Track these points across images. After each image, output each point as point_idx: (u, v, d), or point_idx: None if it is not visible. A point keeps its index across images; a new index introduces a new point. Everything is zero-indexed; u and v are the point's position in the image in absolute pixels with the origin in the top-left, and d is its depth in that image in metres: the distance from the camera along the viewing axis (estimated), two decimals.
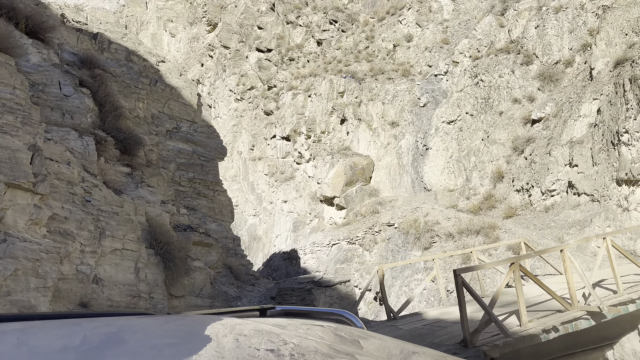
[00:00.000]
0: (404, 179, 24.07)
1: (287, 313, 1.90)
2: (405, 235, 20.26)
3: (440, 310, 11.89)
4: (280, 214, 26.34)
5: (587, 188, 16.45)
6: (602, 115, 16.76)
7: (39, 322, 1.39)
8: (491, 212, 19.31)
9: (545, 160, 18.12)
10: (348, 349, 1.21)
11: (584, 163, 16.82)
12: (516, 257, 9.00)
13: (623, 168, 15.32)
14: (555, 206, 17.38)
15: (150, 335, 1.24)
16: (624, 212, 15.20)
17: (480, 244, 17.12)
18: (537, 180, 18.08)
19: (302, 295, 11.23)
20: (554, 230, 16.31)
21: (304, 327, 1.44)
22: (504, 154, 20.71)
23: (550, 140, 18.53)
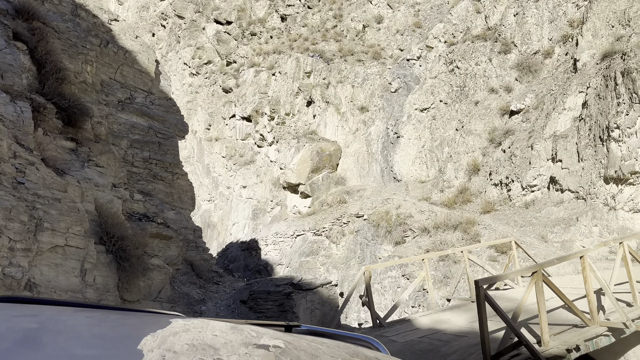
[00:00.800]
0: (373, 167, 22.79)
1: (312, 332, 1.83)
2: (376, 228, 19.02)
3: (431, 317, 10.66)
4: (238, 200, 24.43)
5: (572, 185, 15.72)
6: (589, 109, 16.03)
7: None
8: (467, 207, 18.37)
9: (527, 154, 17.30)
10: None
11: (569, 158, 16.08)
12: (538, 264, 7.79)
13: (612, 165, 14.62)
14: (536, 202, 16.61)
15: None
16: (610, 211, 14.54)
17: (458, 241, 16.11)
18: (517, 175, 17.24)
19: (280, 300, 9.64)
20: (537, 227, 15.51)
21: (338, 348, 1.46)
22: (480, 146, 19.80)
23: (532, 133, 17.72)
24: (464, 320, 10.16)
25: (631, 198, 14.40)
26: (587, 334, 8.19)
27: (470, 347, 8.22)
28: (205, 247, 12.94)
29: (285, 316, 9.64)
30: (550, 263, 8.06)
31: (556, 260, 8.28)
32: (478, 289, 7.23)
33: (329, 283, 10.45)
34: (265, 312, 9.86)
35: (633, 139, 14.40)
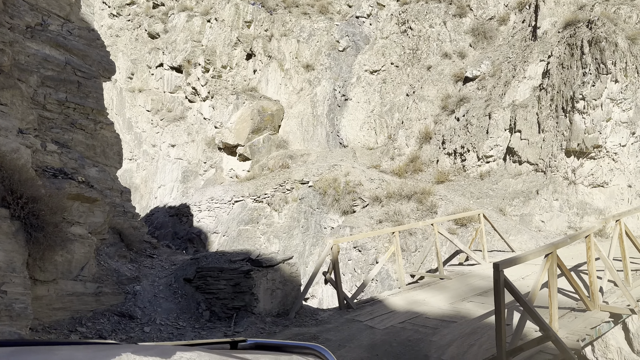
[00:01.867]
0: (318, 131, 21.21)
1: (259, 346, 1.83)
2: (322, 196, 17.60)
3: (403, 297, 9.48)
4: (165, 160, 21.88)
5: (532, 157, 15.16)
6: (552, 79, 15.43)
7: None
8: (418, 176, 17.44)
9: (484, 123, 16.53)
10: None
11: (529, 129, 15.48)
12: (552, 245, 6.71)
13: (575, 138, 14.13)
14: (491, 174, 15.96)
15: None
16: (570, 185, 14.11)
17: (413, 212, 15.12)
18: (473, 145, 16.47)
19: (236, 279, 7.96)
20: (494, 199, 14.84)
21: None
22: (432, 113, 18.84)
23: (489, 102, 16.95)
24: (441, 300, 9.10)
25: (591, 172, 14.04)
26: (591, 321, 7.35)
27: (466, 336, 7.09)
28: (135, 213, 10.80)
29: (242, 298, 7.97)
30: (563, 243, 7.03)
31: (569, 239, 7.28)
32: (498, 274, 6.00)
33: (289, 258, 8.87)
34: (217, 294, 8.10)
35: (598, 111, 13.95)
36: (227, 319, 7.99)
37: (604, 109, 13.90)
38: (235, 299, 8.05)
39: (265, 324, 7.93)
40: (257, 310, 8.02)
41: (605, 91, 13.90)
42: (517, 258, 6.34)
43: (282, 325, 7.98)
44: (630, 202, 13.81)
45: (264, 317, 8.07)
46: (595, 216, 13.64)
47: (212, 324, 7.82)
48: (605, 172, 13.95)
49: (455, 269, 11.58)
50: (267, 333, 7.63)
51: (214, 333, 7.51)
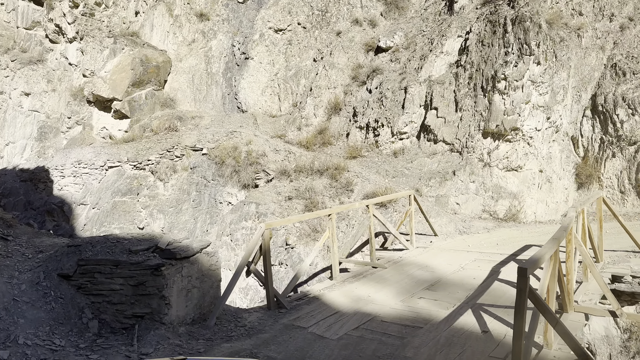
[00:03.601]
0: (213, 91, 18.58)
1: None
2: (219, 166, 15.32)
3: (342, 292, 7.93)
4: (16, 111, 17.51)
5: (448, 136, 14.50)
6: (471, 56, 14.85)
7: None
8: (327, 149, 15.98)
9: (399, 97, 15.53)
10: None
11: (446, 107, 14.79)
12: (555, 239, 5.56)
13: (494, 119, 13.70)
14: (405, 151, 15.07)
15: None
16: (485, 168, 13.72)
17: (326, 188, 13.66)
18: (388, 119, 15.40)
19: (140, 278, 5.76)
20: (410, 179, 13.96)
21: None
22: (342, 82, 17.43)
23: (405, 75, 15.98)
24: (388, 296, 7.70)
25: (506, 156, 13.77)
26: (572, 326, 6.48)
27: (444, 348, 5.74)
28: None
29: (148, 303, 5.86)
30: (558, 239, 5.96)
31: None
32: (524, 281, 4.64)
33: (207, 245, 6.78)
34: (109, 297, 5.87)
35: (519, 93, 13.62)
36: (124, 332, 5.71)
37: (525, 91, 13.63)
38: (136, 303, 5.78)
39: (180, 337, 5.82)
40: (168, 319, 5.86)
41: (527, 73, 13.61)
42: (539, 259, 5.04)
43: (203, 339, 5.92)
44: (540, 187, 13.83)
45: (176, 328, 5.93)
46: (510, 200, 13.42)
47: (104, 340, 5.49)
48: (520, 156, 13.77)
49: (384, 255, 10.36)
50: (185, 350, 5.56)
51: (109, 355, 5.22)
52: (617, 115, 13.80)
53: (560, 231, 5.84)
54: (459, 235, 12.07)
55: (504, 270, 8.74)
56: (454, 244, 11.17)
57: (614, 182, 13.90)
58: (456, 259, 9.77)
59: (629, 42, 14.81)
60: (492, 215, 13.33)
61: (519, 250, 10.14)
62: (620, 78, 14.12)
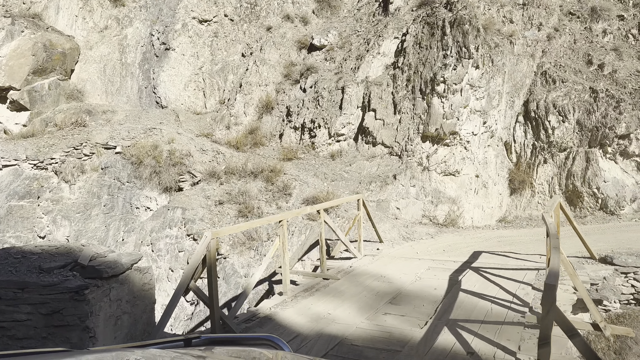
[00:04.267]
0: (128, 84, 16.67)
1: (213, 342, 1.77)
2: (136, 167, 13.63)
3: (296, 308, 6.89)
4: None
5: (387, 139, 14.01)
6: (408, 58, 14.51)
7: None
8: (260, 150, 14.86)
9: (336, 98, 14.82)
10: None
11: (384, 109, 14.30)
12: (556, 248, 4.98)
13: (433, 122, 13.41)
14: (343, 153, 14.36)
15: None
16: (424, 172, 13.37)
17: (262, 192, 12.57)
18: (325, 120, 14.61)
19: (55, 304, 4.37)
20: (350, 183, 13.25)
21: (230, 355, 1.41)
22: (274, 80, 16.40)
23: (341, 75, 15.31)
24: (351, 314, 6.73)
25: (444, 160, 13.52)
26: (556, 341, 5.96)
27: None
28: None
29: (66, 337, 4.60)
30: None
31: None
32: (552, 299, 3.91)
33: (138, 259, 5.49)
34: (11, 331, 4.50)
35: (457, 96, 13.44)
36: None
37: (464, 95, 13.48)
38: (50, 338, 4.39)
39: None
40: None
41: (466, 76, 13.47)
42: (556, 273, 4.37)
43: None
44: (476, 193, 13.73)
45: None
46: (449, 205, 13.16)
47: None
48: (457, 161, 13.58)
49: (333, 264, 9.47)
50: None
51: None
52: (549, 121, 14.10)
53: (554, 239, 5.29)
54: (403, 241, 11.51)
55: (463, 280, 8.20)
56: (402, 251, 10.56)
57: (545, 188, 14.17)
58: (409, 267, 9.13)
59: (556, 52, 15.29)
60: (432, 221, 12.97)
61: (471, 258, 9.73)
62: (550, 85, 14.47)
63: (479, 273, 8.57)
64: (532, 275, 8.30)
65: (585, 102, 14.08)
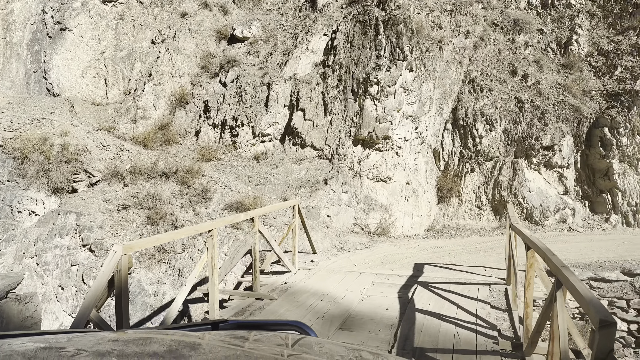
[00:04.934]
0: (13, 66, 14.01)
1: (240, 326, 1.78)
2: (19, 163, 11.33)
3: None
4: None
5: (317, 141, 12.98)
6: (339, 56, 13.65)
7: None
8: (172, 148, 13.12)
9: (261, 94, 13.53)
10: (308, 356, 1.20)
11: (314, 109, 13.27)
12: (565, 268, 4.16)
13: (366, 125, 12.63)
14: (269, 155, 13.09)
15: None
16: (355, 177, 12.54)
17: (176, 196, 10.96)
18: (249, 118, 13.25)
19: None
20: (277, 187, 12.02)
21: (260, 337, 1.45)
22: (190, 71, 14.73)
23: (266, 70, 14.06)
24: None
25: (376, 165, 12.79)
26: None
27: None
28: None
29: None
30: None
31: None
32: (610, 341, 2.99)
33: (17, 283, 4.34)
34: None
35: (391, 99, 12.78)
36: None
37: (397, 98, 12.85)
38: None
39: None
40: None
41: (400, 79, 12.86)
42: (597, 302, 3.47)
43: None
44: (407, 200, 13.13)
45: None
46: (381, 213, 12.40)
47: None
48: (389, 167, 12.90)
49: (265, 280, 8.17)
50: None
51: None
52: (477, 130, 13.92)
53: (557, 259, 4.48)
54: (338, 252, 10.49)
55: (415, 298, 7.30)
56: (339, 263, 9.52)
57: (472, 197, 13.95)
58: (351, 282, 8.10)
59: (482, 60, 15.28)
60: (364, 229, 12.12)
61: (415, 271, 8.93)
62: (478, 93, 14.34)
63: (429, 289, 7.75)
64: (486, 292, 7.63)
65: (512, 111, 14.12)
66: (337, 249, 10.67)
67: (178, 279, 9.60)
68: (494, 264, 9.62)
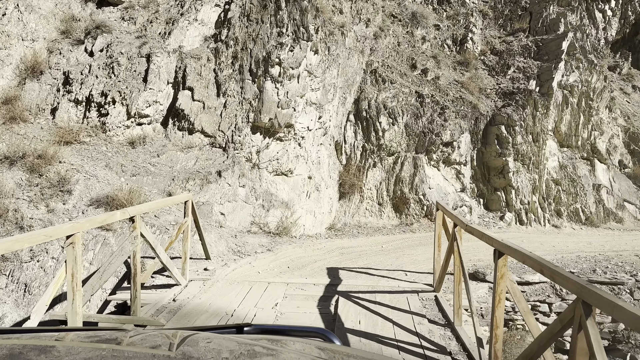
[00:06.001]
0: None
1: (264, 331, 1.74)
2: None
3: None
4: None
5: (208, 126, 11.16)
6: (234, 31, 11.97)
7: None
8: (19, 128, 10.35)
9: (139, 68, 11.32)
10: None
11: (204, 89, 11.43)
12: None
13: (267, 110, 11.16)
14: (148, 140, 10.95)
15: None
16: (254, 170, 11.02)
17: (22, 188, 8.51)
18: (123, 94, 10.96)
19: None
20: (159, 179, 10.02)
21: (289, 343, 1.42)
22: (46, 36, 11.92)
23: (146, 40, 11.84)
24: None
25: (277, 157, 11.37)
26: None
27: None
28: None
29: None
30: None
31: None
32: None
33: None
34: None
35: (294, 83, 11.44)
36: None
37: (301, 83, 11.53)
38: None
39: None
40: None
41: (304, 61, 11.56)
42: None
43: None
44: (308, 196, 11.90)
45: None
46: (282, 210, 11.00)
47: None
48: (291, 159, 11.55)
49: (146, 297, 6.29)
50: None
51: None
52: (380, 123, 13.18)
53: (573, 276, 3.46)
54: (236, 256, 8.88)
55: (340, 313, 6.02)
56: (240, 271, 7.92)
57: (373, 194, 13.17)
58: (260, 296, 6.60)
59: (383, 51, 14.62)
60: (263, 229, 10.62)
61: (331, 278, 7.69)
62: (380, 85, 13.61)
63: (353, 300, 6.54)
64: (416, 301, 6.63)
65: (413, 105, 13.62)
66: (235, 253, 9.05)
67: (24, 296, 7.28)
68: (411, 267, 8.77)
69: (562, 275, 3.29)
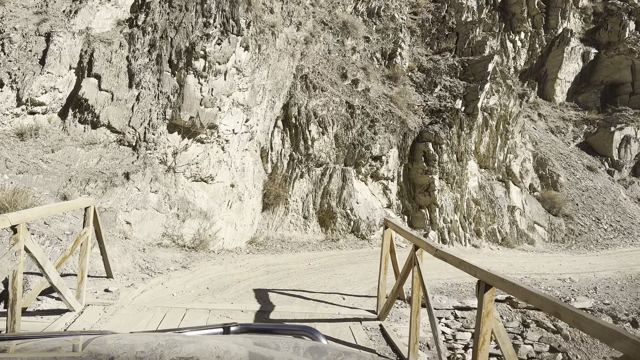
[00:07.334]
0: None
1: (251, 330, 1.75)
2: None
3: None
4: None
5: (116, 120, 9.67)
6: (153, 16, 10.64)
7: None
8: None
9: (36, 47, 9.57)
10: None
11: (114, 78, 9.94)
12: None
13: (187, 108, 9.95)
14: (42, 133, 9.23)
15: None
16: (168, 173, 9.73)
17: None
18: (12, 76, 9.15)
19: None
20: (53, 178, 8.41)
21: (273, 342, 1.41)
22: None
23: (47, 17, 10.11)
24: None
25: (196, 161, 10.16)
26: None
27: None
28: None
29: None
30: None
31: None
32: None
33: None
34: None
35: (221, 80, 10.33)
36: None
37: (228, 80, 10.43)
38: None
39: None
40: None
41: (233, 57, 10.48)
42: None
43: None
44: (230, 206, 10.75)
45: None
46: (199, 221, 9.76)
47: None
48: (212, 164, 10.37)
49: (30, 327, 4.86)
50: None
51: None
52: (310, 131, 12.41)
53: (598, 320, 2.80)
54: (145, 274, 7.53)
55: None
56: (151, 293, 6.63)
57: (299, 206, 12.33)
58: (177, 327, 5.41)
59: (313, 58, 13.95)
60: (177, 242, 9.32)
61: (261, 304, 6.67)
62: (311, 92, 12.88)
63: None
64: (361, 332, 5.83)
65: (343, 116, 13.03)
66: (143, 270, 7.70)
67: None
68: (346, 289, 7.99)
69: (586, 319, 2.61)
